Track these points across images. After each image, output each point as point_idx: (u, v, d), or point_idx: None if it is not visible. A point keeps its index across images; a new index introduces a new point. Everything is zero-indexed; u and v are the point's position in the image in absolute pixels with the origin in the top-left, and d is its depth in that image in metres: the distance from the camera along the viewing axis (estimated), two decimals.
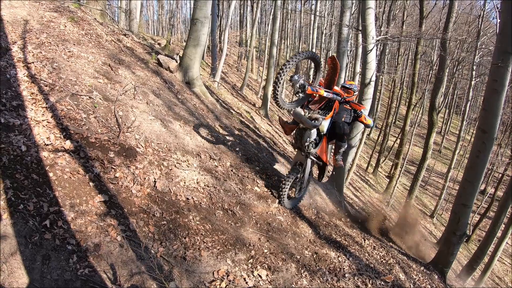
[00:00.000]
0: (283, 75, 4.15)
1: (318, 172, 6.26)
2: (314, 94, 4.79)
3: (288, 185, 5.36)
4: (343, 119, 5.52)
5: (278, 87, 4.19)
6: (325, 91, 4.79)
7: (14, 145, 3.29)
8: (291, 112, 5.06)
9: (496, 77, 6.01)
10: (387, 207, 20.27)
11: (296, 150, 5.61)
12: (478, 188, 6.92)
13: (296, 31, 38.05)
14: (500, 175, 22.26)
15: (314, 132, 5.14)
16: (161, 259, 3.18)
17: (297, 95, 4.60)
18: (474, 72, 19.72)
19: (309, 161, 5.56)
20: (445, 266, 7.23)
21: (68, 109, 4.25)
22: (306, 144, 5.15)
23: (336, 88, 5.16)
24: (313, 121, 4.91)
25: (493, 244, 10.81)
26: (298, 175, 5.55)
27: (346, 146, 5.70)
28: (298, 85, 4.48)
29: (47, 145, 3.56)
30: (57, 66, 5.01)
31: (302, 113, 4.97)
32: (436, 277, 6.95)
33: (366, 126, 5.79)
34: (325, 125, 5.18)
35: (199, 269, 3.35)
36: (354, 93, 5.55)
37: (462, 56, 23.56)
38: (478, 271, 11.97)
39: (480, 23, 18.82)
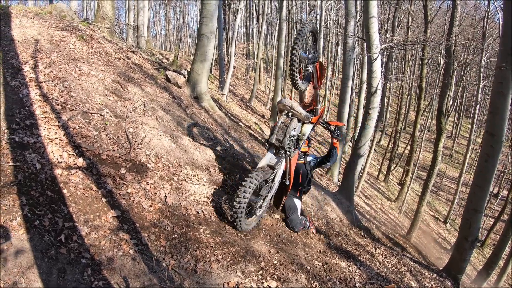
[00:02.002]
0: (297, 53, 3.94)
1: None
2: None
3: (248, 193, 4.06)
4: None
5: (295, 67, 3.98)
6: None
7: (29, 163, 3.40)
8: (282, 101, 4.68)
9: (501, 80, 6.02)
10: (400, 214, 20.07)
11: (269, 146, 4.70)
12: (488, 192, 6.87)
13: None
14: None
15: (298, 127, 4.74)
16: (172, 272, 3.24)
17: (307, 70, 4.45)
18: (481, 75, 19.65)
19: (282, 161, 4.69)
20: (458, 272, 7.16)
21: (79, 127, 4.38)
22: (289, 136, 4.50)
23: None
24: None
25: (508, 247, 10.63)
26: (267, 178, 4.47)
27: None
28: (308, 59, 4.39)
29: (61, 162, 3.67)
30: (68, 84, 5.16)
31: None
32: (449, 284, 6.87)
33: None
34: (308, 128, 4.91)
35: (210, 281, 3.40)
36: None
37: (469, 59, 23.44)
38: (494, 276, 11.76)
39: (485, 24, 18.79)
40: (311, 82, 4.93)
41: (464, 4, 24.00)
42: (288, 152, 4.62)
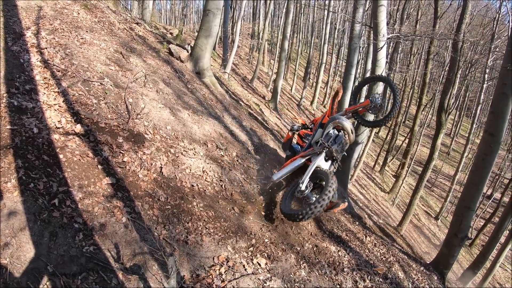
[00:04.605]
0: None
1: None
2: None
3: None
4: None
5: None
6: None
7: (26, 127, 3.40)
8: (342, 122, 5.05)
9: (506, 81, 6.00)
10: (392, 206, 20.25)
11: (320, 148, 4.97)
12: (482, 191, 6.91)
13: (309, 26, 37.81)
14: (507, 180, 22.03)
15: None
16: (163, 242, 3.28)
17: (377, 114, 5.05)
18: (486, 75, 19.52)
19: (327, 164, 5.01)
20: (445, 267, 7.26)
21: (79, 94, 4.35)
22: (338, 149, 4.97)
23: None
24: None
25: (495, 250, 10.78)
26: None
27: None
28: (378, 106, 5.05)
29: (58, 128, 3.67)
30: (70, 52, 5.10)
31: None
32: (436, 278, 6.97)
33: None
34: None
35: (200, 253, 3.44)
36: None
37: (475, 58, 23.25)
38: (479, 276, 11.96)
39: (494, 26, 18.59)
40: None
41: (476, 3, 23.72)
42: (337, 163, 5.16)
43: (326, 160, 4.96)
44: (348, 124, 5.01)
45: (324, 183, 4.50)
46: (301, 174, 4.88)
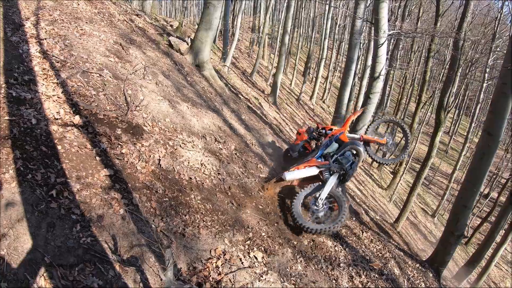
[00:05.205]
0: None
1: None
2: None
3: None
4: None
5: None
6: None
7: (25, 118, 3.38)
8: (362, 150, 5.42)
9: (506, 80, 5.99)
10: (389, 202, 20.31)
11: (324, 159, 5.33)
12: (479, 190, 6.94)
13: (310, 21, 37.62)
14: (505, 180, 22.09)
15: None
16: (161, 234, 3.29)
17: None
18: (486, 75, 19.49)
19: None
20: (441, 265, 7.31)
21: (78, 85, 4.34)
22: (351, 174, 5.29)
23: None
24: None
25: (491, 249, 10.84)
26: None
27: None
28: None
29: (57, 119, 3.65)
30: (69, 43, 5.08)
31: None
32: (431, 275, 7.02)
33: None
34: None
35: (197, 246, 3.45)
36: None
37: (476, 58, 23.20)
38: (474, 274, 12.02)
39: (496, 25, 18.54)
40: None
41: (478, 2, 23.58)
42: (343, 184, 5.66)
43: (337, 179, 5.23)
44: (365, 155, 5.51)
45: (336, 203, 4.90)
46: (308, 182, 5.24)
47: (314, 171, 5.21)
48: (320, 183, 5.17)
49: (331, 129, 5.83)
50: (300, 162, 5.41)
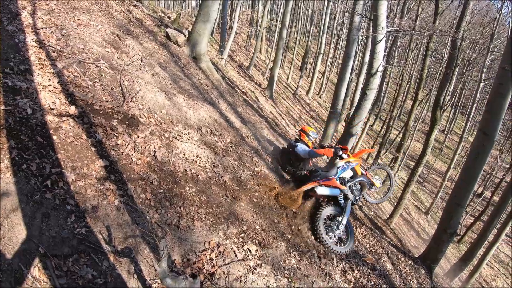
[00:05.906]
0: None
1: None
2: None
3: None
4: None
5: None
6: None
7: (20, 108, 3.36)
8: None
9: (503, 81, 6.03)
10: None
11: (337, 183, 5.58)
12: (473, 189, 7.01)
13: (308, 16, 37.43)
14: (499, 180, 22.26)
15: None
16: (155, 225, 3.29)
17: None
18: (483, 75, 19.56)
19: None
20: (433, 262, 7.39)
21: (74, 75, 4.31)
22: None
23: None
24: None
25: (483, 247, 10.95)
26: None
27: None
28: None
29: (52, 109, 3.63)
30: (66, 33, 5.04)
31: None
32: (423, 271, 7.10)
33: None
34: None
35: (191, 238, 3.47)
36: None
37: (473, 57, 23.23)
38: (466, 272, 12.14)
39: (494, 26, 18.57)
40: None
41: (477, 2, 23.58)
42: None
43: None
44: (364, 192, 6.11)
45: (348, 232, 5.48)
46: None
47: (337, 192, 5.51)
48: (332, 203, 5.52)
49: (346, 149, 6.09)
50: (324, 178, 5.53)
